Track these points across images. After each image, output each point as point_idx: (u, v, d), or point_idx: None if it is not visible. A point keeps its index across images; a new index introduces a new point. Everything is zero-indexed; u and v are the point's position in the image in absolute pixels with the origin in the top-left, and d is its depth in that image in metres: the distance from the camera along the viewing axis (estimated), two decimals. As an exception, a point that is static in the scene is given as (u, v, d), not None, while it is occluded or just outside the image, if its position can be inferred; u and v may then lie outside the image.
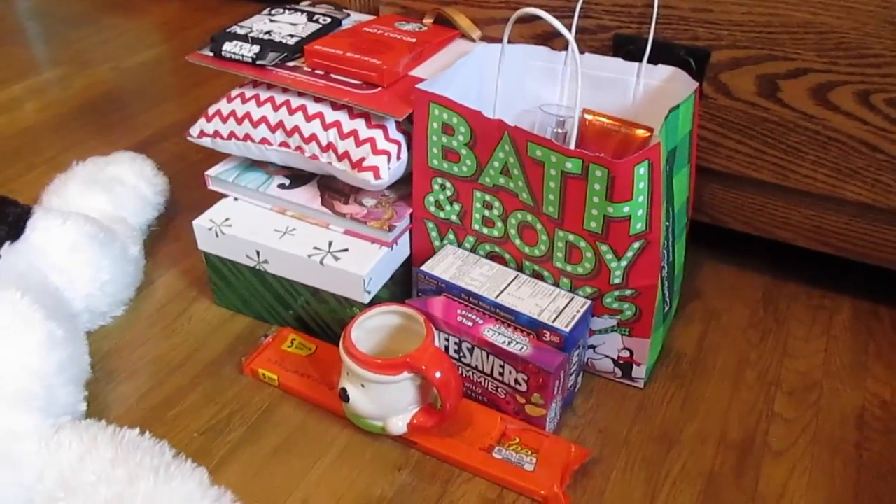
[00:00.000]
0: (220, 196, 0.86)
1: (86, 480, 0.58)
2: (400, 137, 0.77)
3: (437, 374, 0.67)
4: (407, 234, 0.81)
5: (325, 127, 0.77)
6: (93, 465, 0.59)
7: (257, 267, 0.81)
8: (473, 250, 0.79)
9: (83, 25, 1.69)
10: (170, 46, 1.60)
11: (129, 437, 0.63)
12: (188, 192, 1.09)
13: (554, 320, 0.70)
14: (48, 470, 0.59)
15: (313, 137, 0.77)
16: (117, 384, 0.79)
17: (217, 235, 0.81)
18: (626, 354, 0.77)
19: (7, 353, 0.63)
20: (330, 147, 0.77)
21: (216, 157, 1.16)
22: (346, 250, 0.78)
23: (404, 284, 0.85)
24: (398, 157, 0.76)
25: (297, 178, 0.85)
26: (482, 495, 0.69)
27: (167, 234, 1.00)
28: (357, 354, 0.68)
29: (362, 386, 0.69)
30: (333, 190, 0.83)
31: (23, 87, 1.40)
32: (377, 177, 0.75)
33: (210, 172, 0.86)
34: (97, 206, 0.89)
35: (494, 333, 0.71)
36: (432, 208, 0.78)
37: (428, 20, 0.92)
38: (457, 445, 0.71)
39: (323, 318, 0.82)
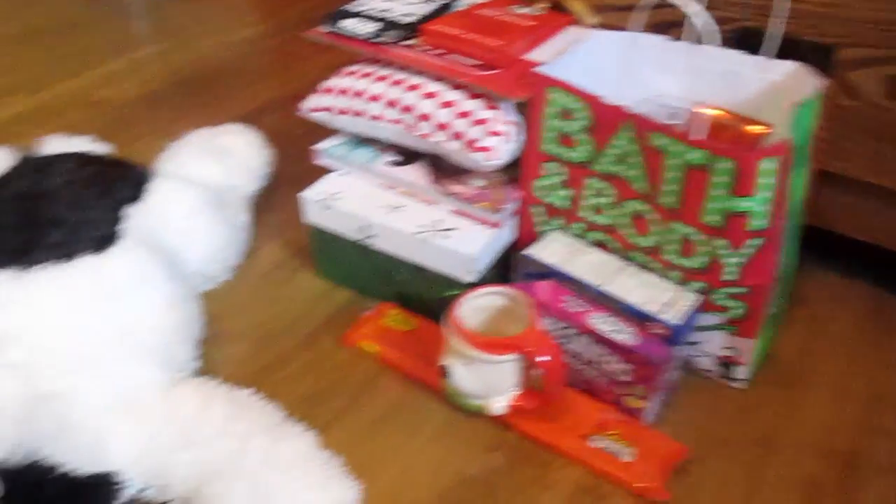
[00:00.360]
0: (322, 170, 0.87)
1: (205, 434, 0.60)
2: (517, 119, 0.77)
3: (543, 358, 0.67)
4: (513, 217, 0.81)
5: (441, 106, 0.77)
6: (211, 419, 0.62)
7: (363, 241, 0.83)
8: (580, 237, 0.78)
9: (183, 1, 1.74)
10: (268, 25, 1.63)
11: (243, 396, 0.65)
12: (289, 165, 1.11)
13: (662, 313, 0.70)
14: (168, 421, 0.62)
15: (428, 116, 0.78)
16: (224, 346, 0.82)
17: (326, 208, 0.83)
18: (729, 353, 0.76)
19: (134, 309, 0.66)
20: (444, 126, 0.77)
21: (317, 132, 1.18)
22: (454, 229, 0.79)
23: (504, 267, 0.85)
24: (513, 140, 0.76)
25: (407, 155, 0.86)
26: (578, 482, 0.69)
27: (270, 205, 1.03)
28: (463, 331, 0.69)
29: (466, 364, 0.70)
30: (443, 169, 0.83)
31: (126, 60, 1.45)
32: (491, 158, 0.75)
33: (319, 146, 0.87)
34: (209, 175, 0.92)
35: (600, 321, 0.71)
36: (541, 193, 0.78)
37: (541, 4, 0.91)
38: (554, 431, 0.71)
39: (424, 295, 0.83)
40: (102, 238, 0.68)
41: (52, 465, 0.47)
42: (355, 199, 0.83)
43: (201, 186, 0.85)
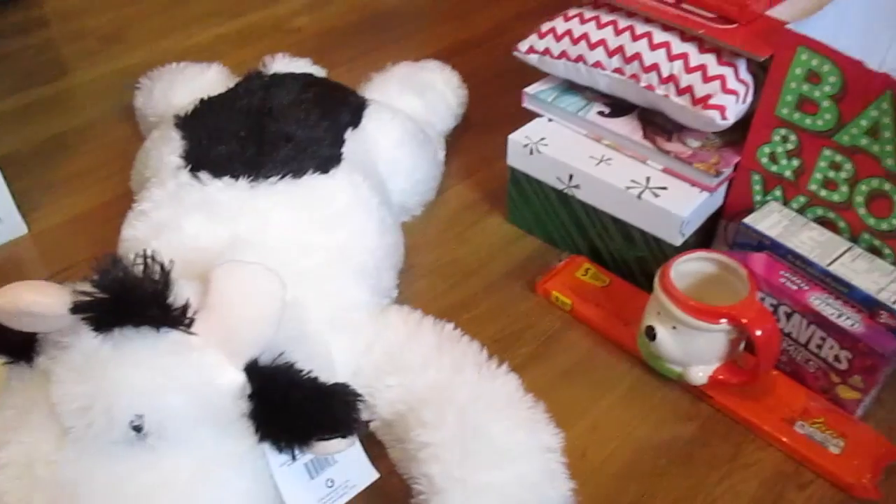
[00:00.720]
0: (510, 117, 0.86)
1: (413, 361, 0.61)
2: (749, 79, 0.72)
3: (759, 332, 0.64)
4: (725, 183, 0.77)
5: (671, 58, 0.74)
6: (419, 348, 0.62)
7: (565, 191, 0.81)
8: (801, 211, 0.74)
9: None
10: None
11: (447, 329, 0.65)
12: (477, 108, 1.10)
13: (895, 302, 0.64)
14: (377, 344, 0.63)
15: (654, 67, 0.74)
16: (416, 279, 0.83)
17: (531, 153, 0.82)
18: (955, 355, 0.70)
19: (351, 231, 0.67)
20: (671, 79, 0.74)
21: (506, 77, 1.16)
22: (664, 188, 0.76)
23: (706, 234, 0.81)
24: (744, 100, 0.72)
25: (617, 107, 0.83)
26: (777, 467, 0.66)
27: (460, 147, 1.03)
28: (677, 295, 0.66)
29: (673, 328, 0.67)
30: (656, 125, 0.80)
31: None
32: (723, 117, 0.71)
33: (528, 90, 0.85)
34: (411, 108, 0.92)
35: (822, 303, 0.67)
36: (765, 160, 0.74)
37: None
38: (756, 410, 0.68)
39: (621, 252, 0.81)
40: (327, 158, 0.70)
41: (300, 369, 0.48)
42: (561, 146, 0.81)
43: (409, 117, 0.85)
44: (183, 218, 0.63)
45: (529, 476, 0.55)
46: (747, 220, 0.72)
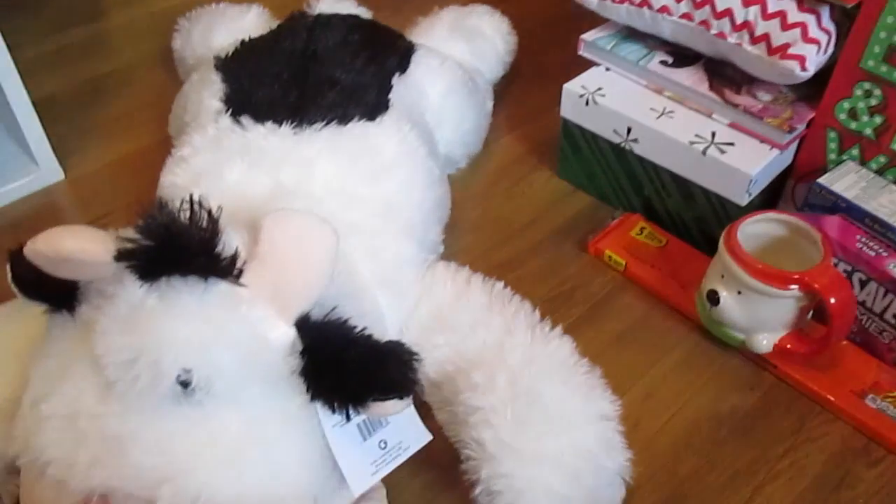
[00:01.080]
0: (562, 66, 0.81)
1: (462, 321, 0.58)
2: (832, 27, 0.67)
3: (833, 300, 0.59)
4: (797, 141, 0.72)
5: (746, 3, 0.68)
6: (468, 307, 0.59)
7: (622, 145, 0.77)
8: (880, 172, 0.68)
9: None
10: None
11: (497, 288, 0.62)
12: (526, 58, 1.05)
13: (984, 271, 0.60)
14: (424, 302, 0.60)
15: (727, 13, 0.69)
16: (461, 236, 0.79)
17: (587, 104, 0.77)
18: None
19: (398, 182, 0.63)
20: (745, 26, 0.68)
21: (558, 25, 1.11)
22: (731, 144, 0.71)
23: (773, 194, 0.77)
24: (825, 51, 0.67)
25: (681, 56, 0.77)
26: (846, 442, 0.62)
27: (508, 95, 0.98)
28: (745, 258, 0.62)
29: (739, 293, 0.63)
30: (724, 76, 0.75)
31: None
32: (802, 68, 0.66)
33: (586, 37, 0.81)
34: (459, 55, 0.88)
35: (902, 270, 0.62)
36: (843, 116, 0.68)
37: None
38: (824, 381, 0.64)
39: (679, 211, 0.77)
40: (374, 105, 0.66)
41: (353, 325, 0.46)
42: (619, 97, 0.76)
43: (458, 64, 0.81)
44: (224, 165, 0.60)
45: (585, 445, 0.52)
46: (822, 179, 0.67)
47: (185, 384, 0.43)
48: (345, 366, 0.45)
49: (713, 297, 0.65)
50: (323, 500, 0.47)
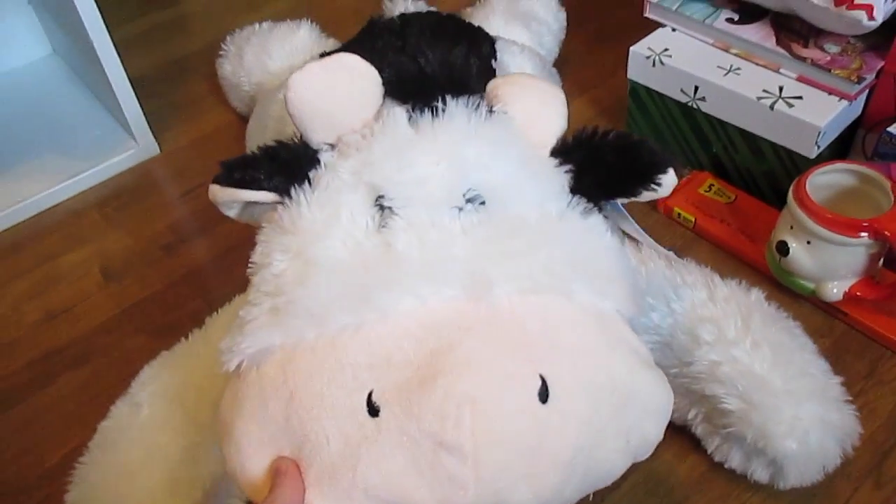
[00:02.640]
0: (626, 28, 0.82)
1: (660, 283, 0.60)
2: (901, -25, 0.67)
3: (905, 246, 0.61)
4: (866, 91, 0.73)
5: (812, -44, 0.69)
6: (655, 271, 0.61)
7: (690, 104, 0.78)
8: (952, 120, 0.69)
9: None
10: None
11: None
12: (591, 21, 1.06)
13: None
14: None
15: (793, -33, 0.70)
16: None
17: (654, 65, 0.79)
18: None
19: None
20: (812, -21, 0.69)
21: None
22: (799, 97, 0.72)
23: (843, 145, 0.77)
24: (893, -1, 0.67)
25: (747, 13, 0.78)
26: (917, 384, 0.64)
27: (574, 61, 1.00)
28: (814, 207, 0.63)
29: (808, 242, 0.65)
30: (790, 30, 0.75)
31: None
32: (870, 17, 0.66)
33: (651, -3, 0.82)
34: (520, 40, 0.89)
35: (974, 215, 0.63)
36: (914, 65, 0.69)
37: None
38: (895, 327, 0.66)
39: (747, 166, 0.78)
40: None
41: (597, 129, 0.49)
42: (686, 57, 0.78)
43: (534, 52, 0.82)
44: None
45: (827, 380, 0.56)
46: (891, 128, 0.68)
47: (472, 200, 0.45)
48: (622, 159, 0.47)
49: (783, 248, 0.66)
50: (628, 307, 0.46)
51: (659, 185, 0.47)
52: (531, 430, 0.39)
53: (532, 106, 0.49)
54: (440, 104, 0.47)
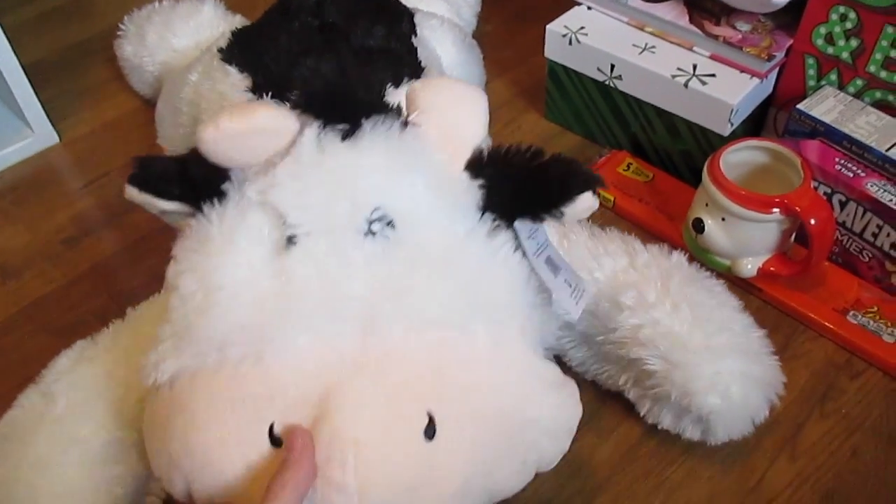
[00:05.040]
0: (544, 9, 0.81)
1: (583, 254, 0.60)
2: (807, -47, 0.68)
3: (814, 221, 0.62)
4: (776, 69, 0.74)
5: (722, -67, 0.69)
6: (578, 241, 0.61)
7: (606, 82, 0.78)
8: (858, 96, 0.70)
9: None
10: None
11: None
12: (510, 2, 1.05)
13: (958, 186, 0.62)
14: None
15: (704, -56, 0.70)
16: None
17: (570, 43, 0.78)
18: None
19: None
20: (722, -43, 0.69)
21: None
22: (712, 76, 0.72)
23: (755, 123, 0.78)
24: (800, -23, 0.68)
25: (660, -8, 0.78)
26: (829, 357, 0.65)
27: (492, 41, 0.99)
28: (727, 185, 0.64)
29: (723, 219, 0.65)
30: (703, 9, 0.76)
31: None
32: (779, -5, 0.67)
33: (566, -24, 0.81)
34: (437, 11, 0.87)
35: (880, 189, 0.64)
36: (820, 42, 0.70)
37: None
38: (807, 301, 0.67)
39: (665, 146, 0.79)
40: (413, 67, 0.65)
41: (514, 148, 0.49)
42: (602, 35, 0.77)
43: (454, 24, 0.81)
44: None
45: (746, 335, 0.56)
46: (801, 105, 0.69)
47: (376, 221, 0.45)
48: (533, 180, 0.47)
49: (698, 226, 0.67)
50: (531, 330, 0.47)
51: (561, 213, 0.47)
52: (416, 467, 0.41)
53: (449, 115, 0.48)
54: (350, 125, 0.46)
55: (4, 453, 0.50)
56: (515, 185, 0.47)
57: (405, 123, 0.47)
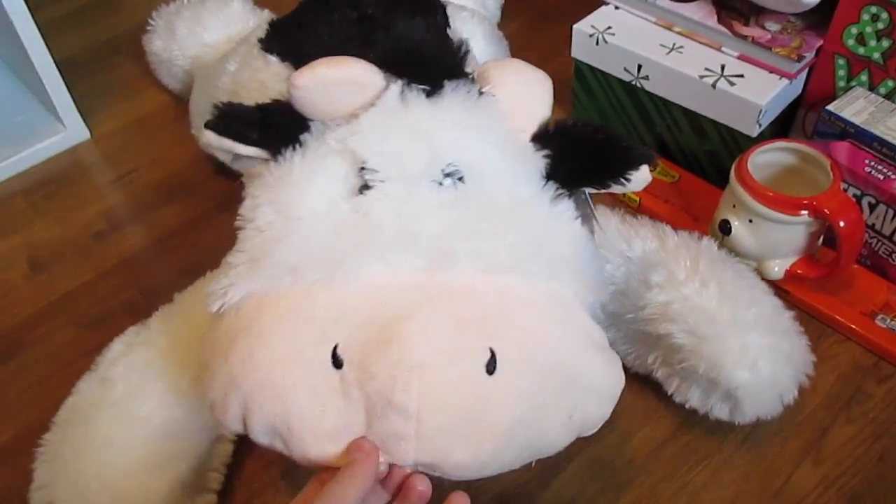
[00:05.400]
0: (570, 7, 0.81)
1: (613, 239, 0.62)
2: (838, -47, 0.67)
3: (843, 223, 0.61)
4: (806, 69, 0.73)
5: (752, -68, 0.68)
6: (609, 226, 0.62)
7: (633, 82, 0.78)
8: (889, 97, 0.69)
9: None
10: None
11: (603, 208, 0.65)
12: (526, 4, 1.05)
13: None
14: None
15: (734, -56, 0.69)
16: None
17: (597, 43, 0.78)
18: None
19: None
20: (752, -44, 0.69)
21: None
22: (741, 76, 0.72)
23: (784, 123, 0.78)
24: (832, -23, 0.67)
25: (689, -9, 0.78)
26: (856, 360, 0.64)
27: (518, 41, 0.98)
28: (755, 186, 0.63)
29: (750, 221, 0.65)
30: (732, 8, 0.75)
31: None
32: (809, -5, 0.66)
33: (594, -25, 0.81)
34: (468, 6, 0.87)
35: (910, 192, 0.63)
36: (851, 42, 0.69)
37: None
38: (835, 304, 0.66)
39: (691, 146, 0.78)
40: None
41: (575, 121, 0.51)
42: (629, 35, 0.77)
43: (483, 17, 0.81)
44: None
45: (776, 311, 0.57)
46: (830, 106, 0.68)
47: (450, 175, 0.47)
48: (601, 150, 0.49)
49: (725, 227, 0.66)
50: (586, 292, 0.48)
51: (628, 180, 0.49)
52: (474, 399, 0.42)
53: (519, 91, 0.51)
54: (432, 86, 0.48)
55: (69, 437, 0.53)
56: (583, 155, 0.49)
57: (481, 92, 0.49)
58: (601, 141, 0.49)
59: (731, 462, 0.58)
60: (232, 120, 0.48)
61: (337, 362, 0.42)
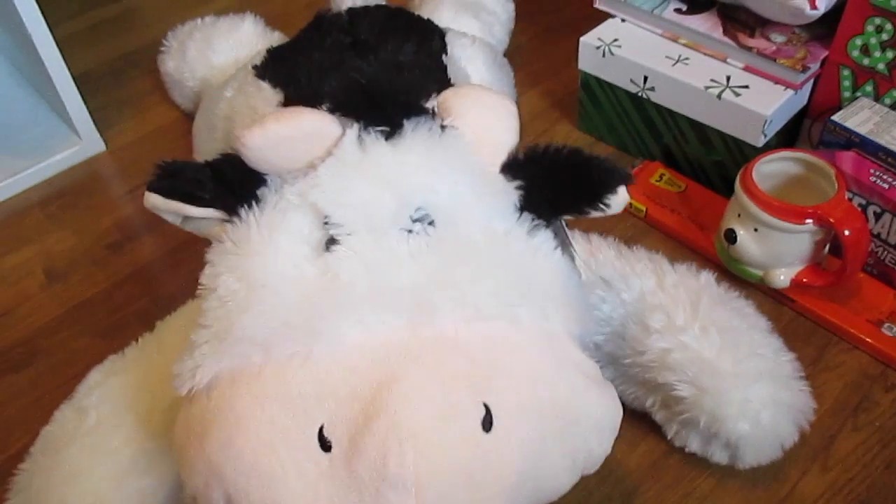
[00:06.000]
0: (577, 20, 0.82)
1: (610, 274, 0.60)
2: (842, -35, 0.68)
3: (848, 232, 0.61)
4: (811, 80, 0.73)
5: (756, -55, 0.69)
6: (605, 261, 0.62)
7: (640, 94, 0.78)
8: (894, 107, 0.70)
9: None
10: None
11: (597, 238, 0.65)
12: (543, 14, 1.06)
13: None
14: None
15: (738, -43, 0.70)
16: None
17: (604, 55, 0.79)
18: None
19: None
20: (756, -31, 0.70)
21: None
22: (746, 87, 0.72)
23: (790, 134, 0.78)
24: (835, -12, 0.68)
25: (695, 3, 0.79)
26: (863, 369, 0.65)
27: (525, 53, 1.00)
28: (760, 195, 0.64)
29: (755, 230, 0.65)
30: (737, 20, 0.76)
31: None
32: (812, 7, 0.67)
33: (601, -11, 0.82)
34: (469, 31, 0.88)
35: (916, 201, 0.64)
36: (856, 53, 0.70)
37: None
38: (841, 312, 0.67)
39: (697, 157, 0.79)
40: (441, 82, 0.63)
41: (544, 146, 0.48)
42: (635, 47, 0.78)
43: (485, 43, 0.82)
44: None
45: (777, 360, 0.56)
46: (835, 117, 0.69)
47: (418, 220, 0.44)
48: (576, 175, 0.47)
49: (731, 236, 0.67)
50: (575, 325, 0.47)
51: (607, 205, 0.47)
52: (474, 460, 0.40)
53: (483, 121, 0.48)
54: (390, 126, 0.46)
55: (39, 467, 0.51)
56: (557, 182, 0.47)
57: (443, 126, 0.47)
58: (576, 165, 0.48)
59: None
60: (180, 179, 0.45)
61: (325, 445, 0.40)
